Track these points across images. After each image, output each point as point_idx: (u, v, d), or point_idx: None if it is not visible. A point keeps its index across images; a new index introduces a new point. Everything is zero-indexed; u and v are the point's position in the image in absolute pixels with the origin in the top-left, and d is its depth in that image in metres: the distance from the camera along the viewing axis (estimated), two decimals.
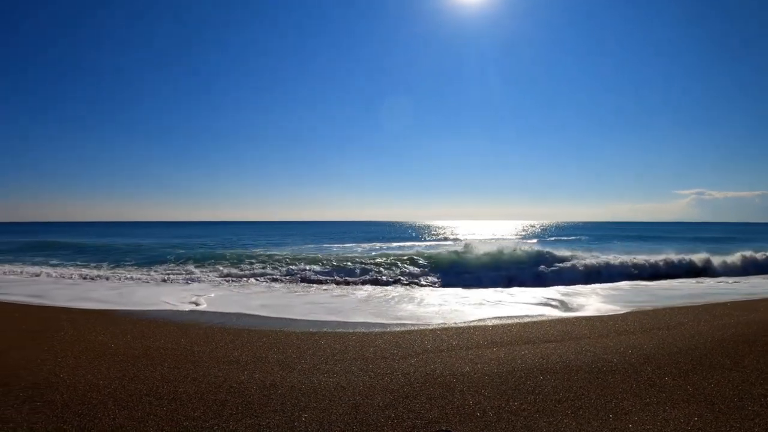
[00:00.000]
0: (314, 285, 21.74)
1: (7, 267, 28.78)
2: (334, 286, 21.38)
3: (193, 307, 15.58)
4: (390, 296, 17.43)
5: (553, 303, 15.38)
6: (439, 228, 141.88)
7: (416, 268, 26.04)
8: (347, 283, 22.52)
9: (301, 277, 24.37)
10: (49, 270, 27.60)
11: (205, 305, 15.84)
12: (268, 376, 7.80)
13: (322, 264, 28.39)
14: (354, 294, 18.33)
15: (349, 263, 28.33)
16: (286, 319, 13.38)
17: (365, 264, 27.96)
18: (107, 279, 24.06)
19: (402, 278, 24.05)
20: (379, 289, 20.01)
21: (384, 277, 24.27)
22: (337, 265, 27.58)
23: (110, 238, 71.75)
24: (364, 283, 22.86)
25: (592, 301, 15.88)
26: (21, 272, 26.58)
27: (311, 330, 11.68)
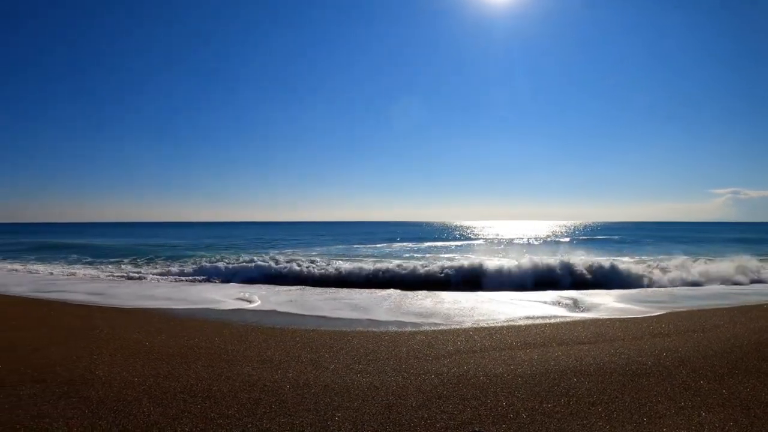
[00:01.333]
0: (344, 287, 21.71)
1: (58, 268, 29.08)
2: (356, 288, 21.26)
3: (247, 305, 15.96)
4: (418, 296, 17.41)
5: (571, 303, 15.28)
6: (471, 229, 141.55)
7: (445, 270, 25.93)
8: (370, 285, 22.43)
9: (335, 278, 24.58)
10: (91, 270, 27.91)
11: (259, 302, 16.30)
12: (301, 375, 7.82)
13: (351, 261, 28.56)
14: (380, 294, 18.33)
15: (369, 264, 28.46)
16: (318, 317, 13.44)
17: (394, 263, 27.99)
18: (159, 278, 24.31)
19: (431, 278, 24.00)
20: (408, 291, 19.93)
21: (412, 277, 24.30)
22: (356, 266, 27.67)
23: (134, 239, 72.74)
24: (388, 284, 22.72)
25: (609, 300, 15.78)
26: (83, 274, 26.90)
27: (344, 329, 11.74)
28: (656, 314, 13.33)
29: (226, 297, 17.46)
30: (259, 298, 17.19)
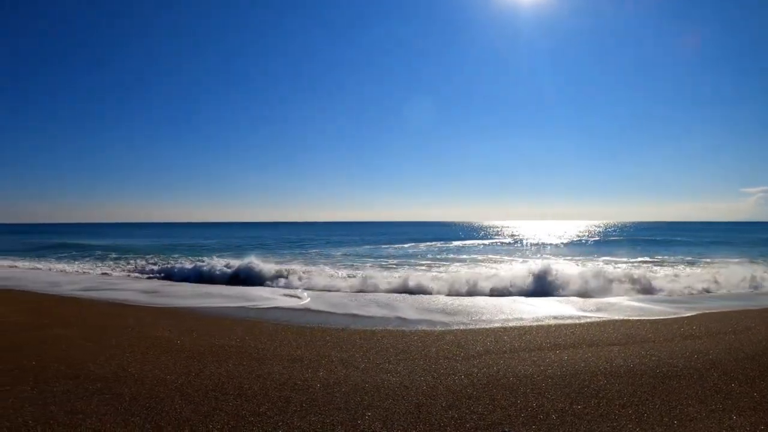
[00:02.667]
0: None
1: (103, 268, 29.28)
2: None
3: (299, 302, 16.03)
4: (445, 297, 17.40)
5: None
6: (498, 229, 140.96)
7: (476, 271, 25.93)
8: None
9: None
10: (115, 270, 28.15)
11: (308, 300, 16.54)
12: (331, 375, 7.85)
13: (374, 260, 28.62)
14: (404, 294, 18.34)
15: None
16: (349, 315, 13.48)
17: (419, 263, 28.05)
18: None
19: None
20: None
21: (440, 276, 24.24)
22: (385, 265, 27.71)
23: (158, 240, 73.79)
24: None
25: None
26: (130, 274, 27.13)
27: (374, 328, 11.78)
28: (687, 315, 13.21)
29: (274, 294, 17.67)
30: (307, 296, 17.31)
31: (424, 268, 29.24)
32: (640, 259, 35.18)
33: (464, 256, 40.52)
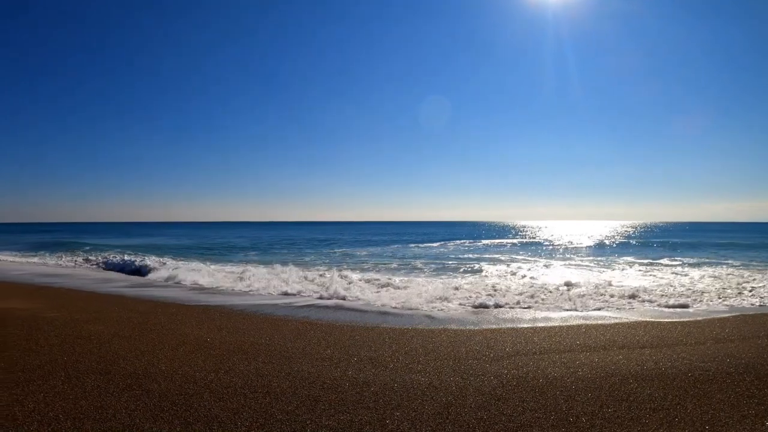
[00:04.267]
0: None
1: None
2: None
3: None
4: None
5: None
6: (527, 229, 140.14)
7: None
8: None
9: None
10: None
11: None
12: (360, 374, 7.84)
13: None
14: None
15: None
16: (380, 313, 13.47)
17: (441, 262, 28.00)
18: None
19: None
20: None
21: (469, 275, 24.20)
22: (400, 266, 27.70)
23: (188, 239, 74.97)
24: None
25: None
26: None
27: (403, 327, 11.77)
28: (720, 317, 13.05)
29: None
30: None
31: (423, 270, 29.13)
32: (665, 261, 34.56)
33: (487, 256, 40.35)
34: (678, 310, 14.47)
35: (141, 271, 27.76)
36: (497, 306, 14.82)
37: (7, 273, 25.81)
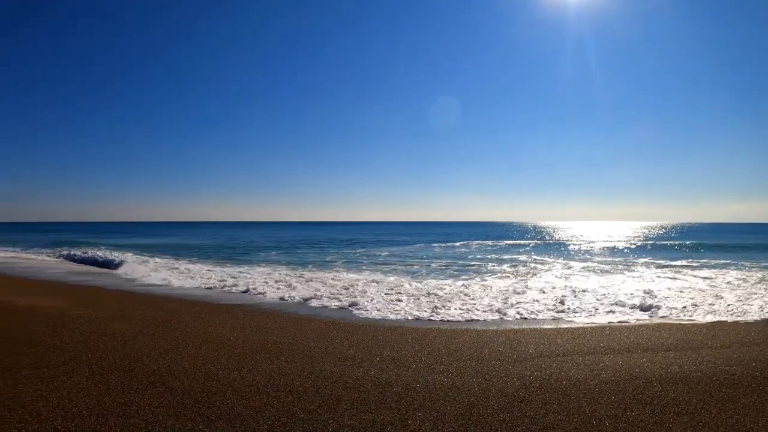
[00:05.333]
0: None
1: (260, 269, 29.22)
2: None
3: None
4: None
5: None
6: (547, 229, 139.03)
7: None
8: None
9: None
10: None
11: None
12: (383, 374, 7.83)
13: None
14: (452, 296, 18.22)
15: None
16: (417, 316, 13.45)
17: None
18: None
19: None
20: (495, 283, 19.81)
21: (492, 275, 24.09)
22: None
23: (211, 239, 75.89)
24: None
25: None
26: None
27: (426, 328, 11.75)
28: (745, 321, 12.91)
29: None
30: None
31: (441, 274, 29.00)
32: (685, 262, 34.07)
33: (506, 256, 40.01)
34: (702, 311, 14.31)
35: (109, 264, 30.70)
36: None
37: (43, 271, 25.82)
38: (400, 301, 15.79)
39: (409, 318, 13.08)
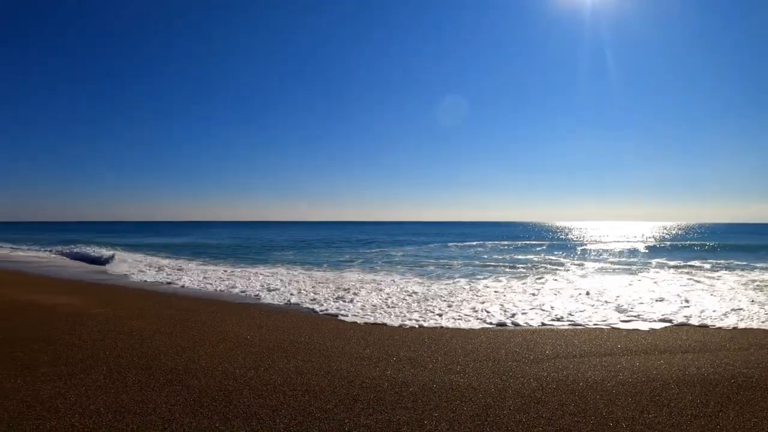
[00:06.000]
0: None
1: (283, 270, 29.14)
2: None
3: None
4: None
5: None
6: (562, 230, 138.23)
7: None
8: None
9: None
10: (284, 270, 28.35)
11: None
12: (399, 374, 7.83)
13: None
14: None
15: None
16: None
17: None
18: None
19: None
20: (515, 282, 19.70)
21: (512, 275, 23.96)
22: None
23: (232, 239, 76.23)
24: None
25: None
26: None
27: (443, 327, 11.76)
28: (764, 324, 12.80)
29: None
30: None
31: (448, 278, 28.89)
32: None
33: (522, 256, 39.59)
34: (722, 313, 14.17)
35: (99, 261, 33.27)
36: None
37: (62, 271, 25.96)
38: (412, 302, 15.72)
39: (424, 324, 12.99)
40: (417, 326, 11.97)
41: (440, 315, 13.49)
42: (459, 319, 12.99)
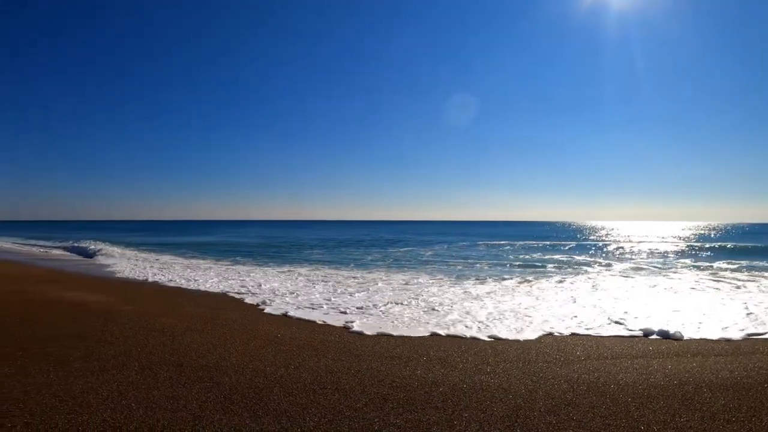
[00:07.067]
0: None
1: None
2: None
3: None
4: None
5: None
6: (595, 230, 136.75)
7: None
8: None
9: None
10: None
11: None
12: (429, 374, 7.81)
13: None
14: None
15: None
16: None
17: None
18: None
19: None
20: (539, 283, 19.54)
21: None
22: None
23: (261, 238, 76.76)
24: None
25: None
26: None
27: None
28: None
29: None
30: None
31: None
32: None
33: (548, 256, 39.25)
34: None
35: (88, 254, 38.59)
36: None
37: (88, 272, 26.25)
38: (438, 304, 15.67)
39: (448, 332, 12.92)
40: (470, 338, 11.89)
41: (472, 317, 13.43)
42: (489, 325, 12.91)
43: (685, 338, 10.61)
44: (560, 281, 22.44)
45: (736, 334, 11.08)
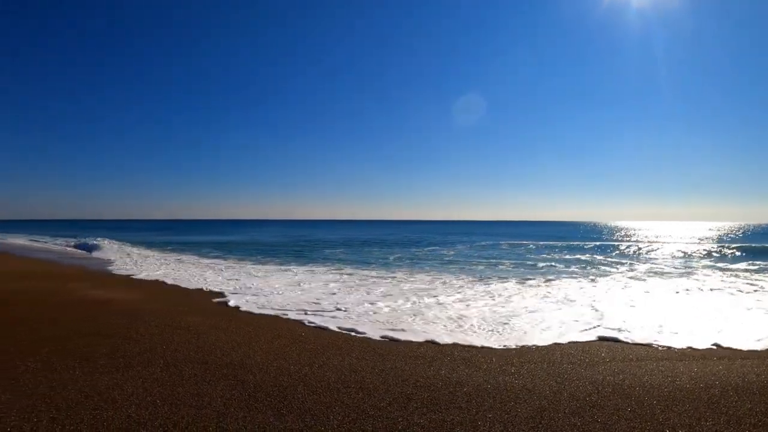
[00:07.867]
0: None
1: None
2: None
3: None
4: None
5: None
6: (620, 230, 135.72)
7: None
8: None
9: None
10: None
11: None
12: (453, 374, 7.80)
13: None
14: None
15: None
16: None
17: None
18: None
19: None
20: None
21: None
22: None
23: (282, 237, 76.75)
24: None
25: None
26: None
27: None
28: None
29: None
30: None
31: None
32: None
33: (570, 256, 38.88)
34: None
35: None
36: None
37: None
38: (464, 308, 15.63)
39: (470, 341, 12.88)
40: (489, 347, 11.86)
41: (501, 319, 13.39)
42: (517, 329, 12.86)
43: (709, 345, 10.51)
44: (582, 282, 22.30)
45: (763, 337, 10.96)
